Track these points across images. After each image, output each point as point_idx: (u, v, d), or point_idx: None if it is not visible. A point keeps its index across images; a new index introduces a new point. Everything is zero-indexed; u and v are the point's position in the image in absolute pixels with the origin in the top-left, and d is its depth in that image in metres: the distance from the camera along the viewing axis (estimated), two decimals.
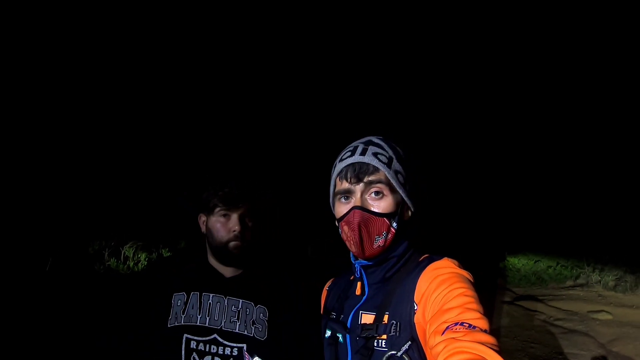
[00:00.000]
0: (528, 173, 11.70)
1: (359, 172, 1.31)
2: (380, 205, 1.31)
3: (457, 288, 1.14)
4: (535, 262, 9.39)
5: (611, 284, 7.52)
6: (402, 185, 1.34)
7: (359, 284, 1.42)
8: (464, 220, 10.90)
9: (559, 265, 8.94)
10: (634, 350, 5.16)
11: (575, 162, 11.70)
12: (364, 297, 1.39)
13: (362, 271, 1.40)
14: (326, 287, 1.67)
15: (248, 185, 1.84)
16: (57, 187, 5.97)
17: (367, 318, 1.32)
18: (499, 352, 0.91)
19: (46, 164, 5.98)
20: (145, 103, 7.23)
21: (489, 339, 0.96)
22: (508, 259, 9.86)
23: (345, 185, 1.33)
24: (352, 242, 1.32)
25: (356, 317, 1.36)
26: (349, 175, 1.32)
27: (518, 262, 9.61)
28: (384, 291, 1.34)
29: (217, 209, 1.78)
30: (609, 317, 6.25)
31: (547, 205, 11.28)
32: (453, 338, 0.98)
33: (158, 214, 6.30)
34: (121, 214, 6.39)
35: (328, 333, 1.43)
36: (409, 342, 1.18)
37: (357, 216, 1.29)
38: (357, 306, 1.38)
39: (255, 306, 1.78)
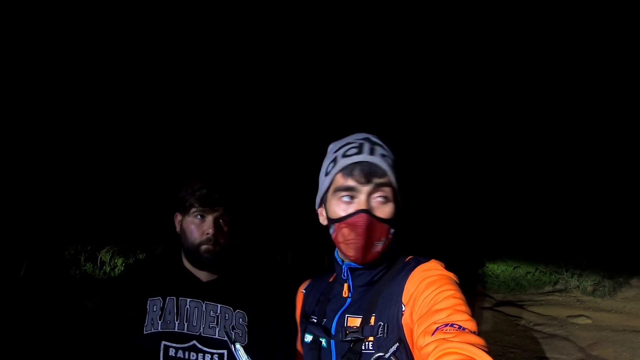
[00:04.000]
0: (506, 179, 11.82)
1: (368, 173, 1.25)
2: (385, 210, 1.27)
3: (447, 290, 1.14)
4: (514, 268, 9.46)
5: (589, 289, 7.61)
6: (401, 190, 1.32)
7: (345, 286, 1.37)
8: (442, 227, 10.96)
9: (538, 271, 9.02)
10: (613, 353, 5.22)
11: (552, 168, 11.86)
12: (348, 300, 1.34)
13: (349, 273, 1.36)
14: (302, 290, 1.60)
15: (227, 188, 1.81)
16: (31, 190, 5.85)
17: (353, 321, 1.28)
18: (488, 353, 0.92)
19: (20, 166, 5.85)
20: (121, 107, 7.12)
21: (479, 340, 0.97)
22: (487, 265, 9.92)
23: (351, 182, 1.26)
24: (353, 246, 1.26)
25: (341, 320, 1.31)
26: (356, 173, 1.25)
27: (497, 269, 9.67)
28: (370, 294, 1.31)
29: (193, 209, 1.73)
30: (588, 321, 6.32)
31: (526, 211, 11.40)
32: (444, 339, 0.99)
33: (135, 218, 6.21)
34: (98, 218, 6.28)
35: (309, 338, 1.37)
36: (397, 344, 1.16)
37: (364, 220, 1.23)
38: (342, 309, 1.33)
39: (234, 311, 1.73)
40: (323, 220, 1.38)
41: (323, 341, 1.32)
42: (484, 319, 6.61)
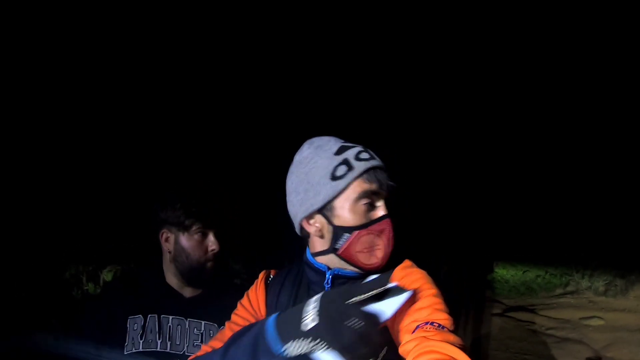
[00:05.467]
0: (511, 182, 11.75)
1: (386, 177, 1.25)
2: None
3: (427, 289, 1.15)
4: (523, 272, 9.39)
5: (601, 289, 7.52)
6: None
7: None
8: (448, 232, 10.85)
9: (548, 274, 8.95)
10: (628, 354, 5.13)
11: (557, 167, 11.78)
12: None
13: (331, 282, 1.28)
14: (263, 280, 1.42)
15: (220, 198, 1.75)
16: (31, 207, 5.82)
17: None
18: (465, 351, 0.94)
19: (20, 183, 5.83)
20: (116, 125, 7.09)
21: (457, 339, 0.99)
22: (496, 270, 9.84)
23: (375, 187, 1.23)
24: (380, 252, 1.23)
25: None
26: (380, 178, 1.23)
27: (507, 273, 9.60)
28: None
29: (194, 227, 1.66)
30: (602, 322, 6.23)
31: (533, 213, 11.30)
32: (424, 337, 0.99)
33: (137, 237, 6.16)
34: (99, 237, 6.25)
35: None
36: (385, 347, 1.13)
37: (391, 225, 1.24)
38: None
39: (219, 327, 1.64)
40: (317, 232, 1.27)
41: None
42: (494, 326, 6.52)
